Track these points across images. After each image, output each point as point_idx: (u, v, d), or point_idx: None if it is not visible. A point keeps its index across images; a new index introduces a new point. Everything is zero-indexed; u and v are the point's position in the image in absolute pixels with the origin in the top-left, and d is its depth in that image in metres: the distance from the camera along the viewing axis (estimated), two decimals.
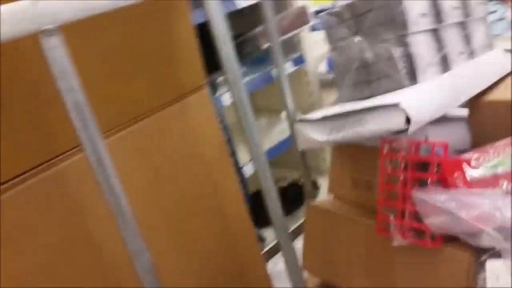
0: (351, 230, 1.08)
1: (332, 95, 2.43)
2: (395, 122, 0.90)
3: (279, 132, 2.16)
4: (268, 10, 1.17)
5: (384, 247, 0.99)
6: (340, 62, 1.16)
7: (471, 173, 0.84)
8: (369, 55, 1.09)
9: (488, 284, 0.76)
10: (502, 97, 1.03)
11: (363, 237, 1.04)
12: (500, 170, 0.82)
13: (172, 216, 1.02)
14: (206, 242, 1.09)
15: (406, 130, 0.89)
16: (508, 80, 1.10)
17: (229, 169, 1.13)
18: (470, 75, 1.06)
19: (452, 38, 1.13)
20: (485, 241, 0.76)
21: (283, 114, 2.28)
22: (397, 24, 1.03)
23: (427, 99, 0.94)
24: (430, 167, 0.88)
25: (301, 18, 2.08)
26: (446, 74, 1.05)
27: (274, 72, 2.05)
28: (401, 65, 1.04)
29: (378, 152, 0.99)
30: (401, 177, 0.92)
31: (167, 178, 1.00)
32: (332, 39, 1.17)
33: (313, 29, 2.61)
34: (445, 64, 1.10)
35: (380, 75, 1.08)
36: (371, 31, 1.08)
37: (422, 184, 0.89)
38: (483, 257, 0.80)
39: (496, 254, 0.80)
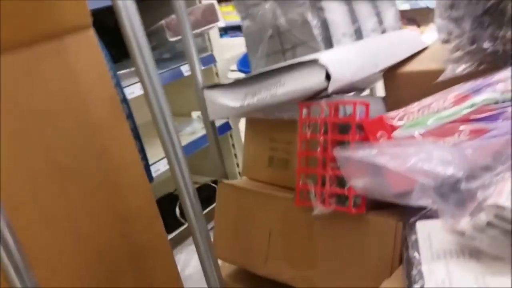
0: (267, 206, 0.96)
1: None
2: (314, 80, 0.81)
3: (188, 134, 2.04)
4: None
5: (303, 221, 0.88)
6: (252, 31, 1.06)
7: (396, 132, 0.76)
8: (282, 21, 1.00)
9: (421, 243, 0.68)
10: (417, 68, 0.99)
11: (280, 213, 0.93)
12: (427, 128, 0.75)
13: (43, 182, 0.80)
14: (91, 218, 0.89)
15: (326, 88, 0.80)
16: (421, 55, 1.07)
17: (124, 133, 0.93)
18: (386, 45, 1.02)
19: (365, 14, 1.09)
20: (417, 199, 0.68)
21: (194, 115, 2.17)
22: None
23: (346, 58, 0.87)
24: (351, 129, 0.79)
25: (209, 15, 1.98)
26: (362, 41, 1.00)
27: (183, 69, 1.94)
28: (316, 31, 0.97)
29: (296, 126, 0.89)
30: (321, 141, 0.83)
31: (36, 135, 0.79)
32: (243, 6, 1.07)
33: (221, 35, 2.55)
34: (359, 36, 1.05)
35: (295, 43, 1.00)
36: None
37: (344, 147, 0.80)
38: (413, 219, 0.72)
39: (426, 215, 0.72)
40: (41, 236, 0.79)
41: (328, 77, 0.79)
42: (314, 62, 0.80)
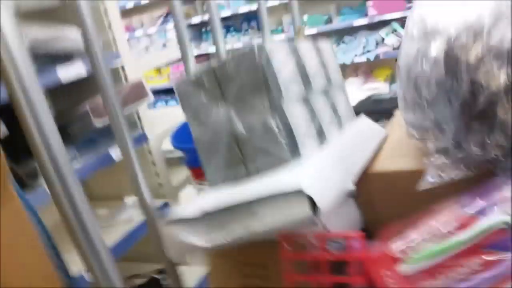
0: None
1: (180, 174, 2.15)
2: (297, 211, 0.65)
3: (125, 222, 1.78)
4: (104, 78, 0.88)
5: None
6: (205, 139, 0.89)
7: (402, 268, 0.63)
8: (240, 127, 0.85)
9: None
10: (390, 167, 0.88)
11: None
12: (434, 260, 0.62)
13: None
14: None
15: (312, 220, 0.65)
16: (387, 147, 0.97)
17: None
18: (353, 147, 0.90)
19: (321, 107, 0.96)
20: None
21: (128, 200, 1.92)
22: (269, 89, 0.82)
23: (325, 176, 0.73)
24: (349, 267, 0.64)
25: (138, 91, 1.79)
26: (327, 147, 0.87)
27: (114, 153, 1.71)
28: (280, 137, 0.82)
29: (274, 245, 0.72)
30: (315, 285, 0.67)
31: None
32: (190, 111, 0.90)
33: (152, 106, 2.35)
34: (321, 134, 0.92)
35: (256, 151, 0.84)
36: (238, 99, 0.85)
37: None
38: None
39: None
40: None
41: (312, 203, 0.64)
42: (298, 192, 0.64)
